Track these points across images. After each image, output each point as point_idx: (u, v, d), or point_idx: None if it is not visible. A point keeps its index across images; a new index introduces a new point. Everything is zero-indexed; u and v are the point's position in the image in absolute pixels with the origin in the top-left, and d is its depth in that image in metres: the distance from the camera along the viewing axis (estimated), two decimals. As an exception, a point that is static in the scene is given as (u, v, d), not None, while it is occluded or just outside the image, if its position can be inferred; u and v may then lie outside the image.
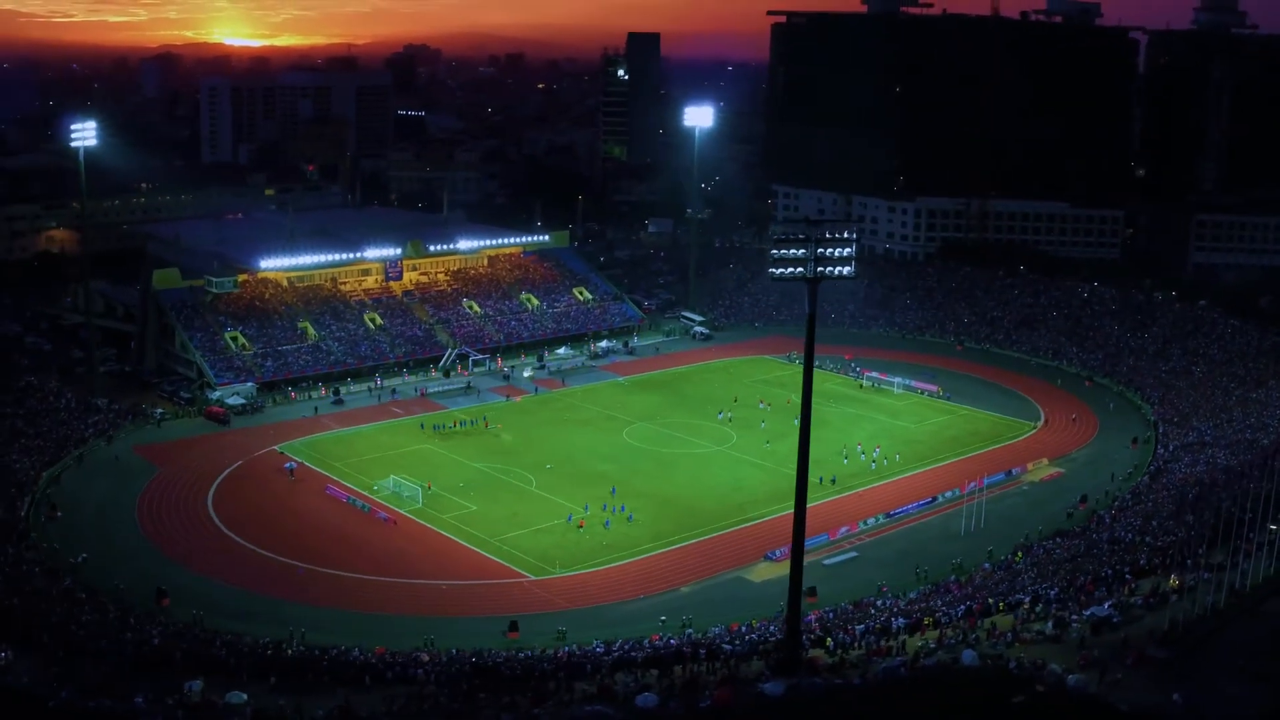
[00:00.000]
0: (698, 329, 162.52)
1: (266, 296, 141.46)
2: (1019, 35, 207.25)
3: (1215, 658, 62.83)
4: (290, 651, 66.49)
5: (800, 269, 59.78)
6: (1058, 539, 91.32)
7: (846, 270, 59.33)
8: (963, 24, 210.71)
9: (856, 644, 62.94)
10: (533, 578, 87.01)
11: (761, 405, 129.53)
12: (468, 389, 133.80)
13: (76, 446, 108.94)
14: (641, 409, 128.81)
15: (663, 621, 78.54)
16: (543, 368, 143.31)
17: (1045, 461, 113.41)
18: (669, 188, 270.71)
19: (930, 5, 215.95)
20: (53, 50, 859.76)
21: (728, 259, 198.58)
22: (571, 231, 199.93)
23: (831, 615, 75.33)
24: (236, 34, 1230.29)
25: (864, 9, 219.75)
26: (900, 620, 66.19)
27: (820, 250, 58.99)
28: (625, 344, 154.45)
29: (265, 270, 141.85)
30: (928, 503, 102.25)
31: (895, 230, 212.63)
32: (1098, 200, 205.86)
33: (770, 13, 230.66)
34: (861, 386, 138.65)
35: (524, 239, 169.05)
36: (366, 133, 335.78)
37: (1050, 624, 65.15)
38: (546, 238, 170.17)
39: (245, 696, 55.33)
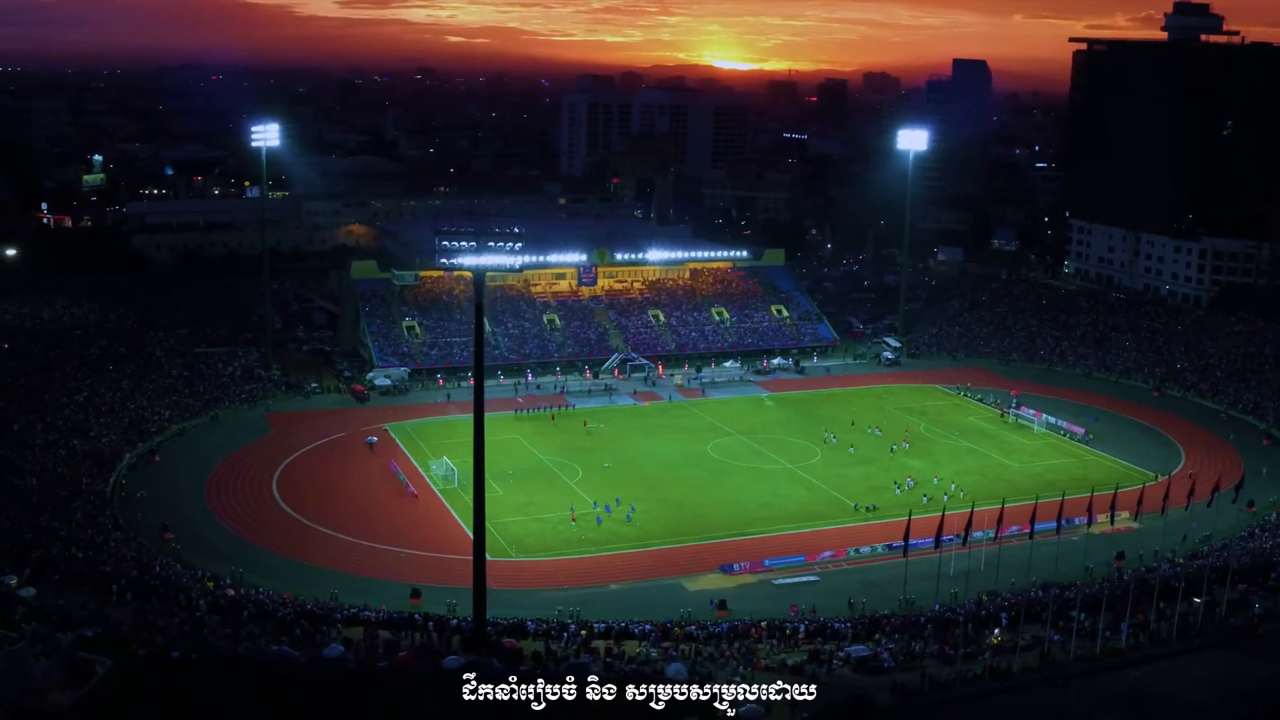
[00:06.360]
0: (885, 354, 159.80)
1: (456, 291, 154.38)
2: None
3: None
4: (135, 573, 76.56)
5: (468, 260, 62.72)
6: (1037, 591, 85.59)
7: (515, 264, 61.66)
8: (1267, 53, 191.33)
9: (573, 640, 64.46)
10: (488, 557, 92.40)
11: (875, 431, 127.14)
12: (605, 390, 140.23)
13: (224, 408, 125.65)
14: (753, 423, 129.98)
15: (558, 610, 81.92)
16: (696, 378, 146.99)
17: (1125, 515, 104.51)
18: (975, 217, 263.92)
19: (1235, 34, 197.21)
20: (549, 66, 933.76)
21: (1006, 292, 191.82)
22: (820, 252, 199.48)
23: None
24: (727, 57, 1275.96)
25: (1165, 36, 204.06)
26: (648, 626, 66.61)
27: (489, 244, 61.68)
28: (796, 363, 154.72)
29: (458, 268, 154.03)
30: (947, 540, 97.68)
31: (1179, 271, 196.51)
32: None
33: (1072, 39, 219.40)
34: (1004, 418, 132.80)
35: (732, 254, 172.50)
36: (720, 151, 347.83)
37: (805, 656, 63.52)
38: (744, 253, 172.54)
39: (34, 591, 65.65)
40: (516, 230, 61.42)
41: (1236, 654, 67.65)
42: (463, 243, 61.94)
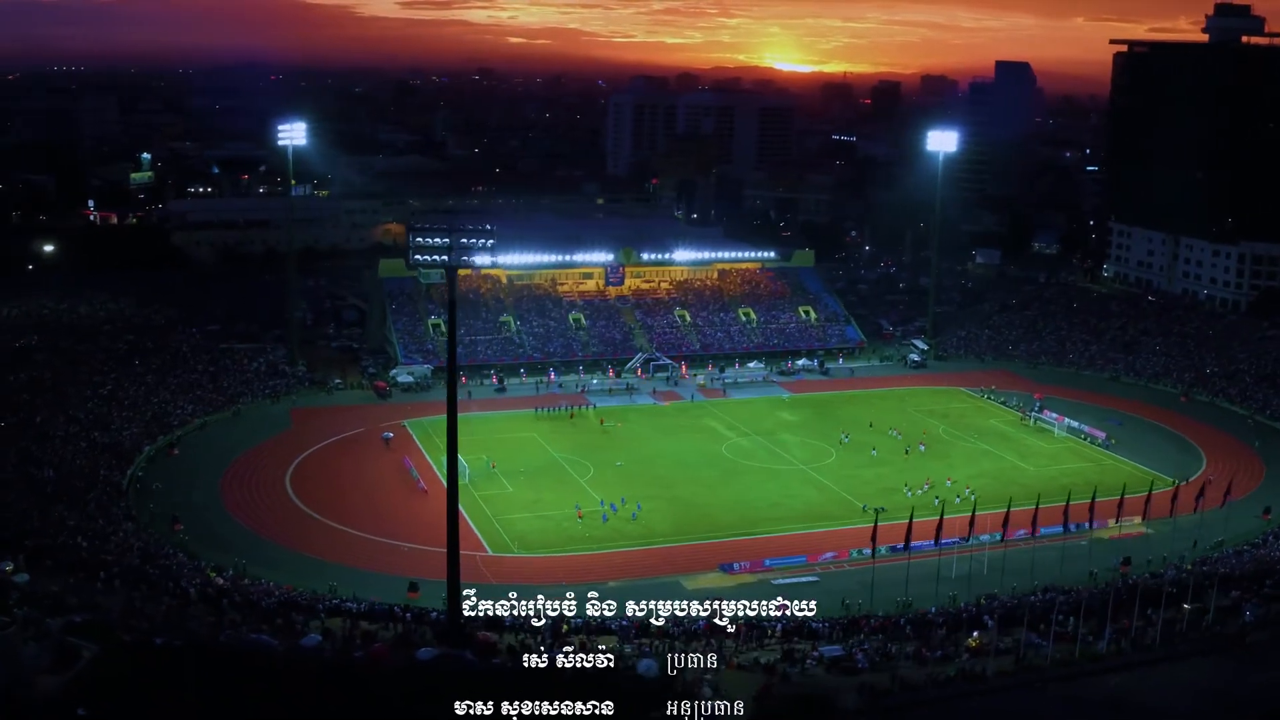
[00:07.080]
0: (912, 356, 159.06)
1: (483, 291, 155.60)
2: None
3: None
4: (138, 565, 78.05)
5: (443, 257, 63.29)
6: (1037, 595, 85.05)
7: (486, 261, 62.40)
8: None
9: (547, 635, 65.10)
10: (490, 553, 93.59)
11: (894, 433, 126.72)
12: (626, 389, 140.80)
13: (247, 403, 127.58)
14: (770, 424, 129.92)
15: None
16: (719, 378, 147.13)
17: (1137, 520, 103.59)
18: (1013, 220, 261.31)
19: (1277, 35, 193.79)
20: (608, 68, 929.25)
21: (1038, 295, 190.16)
22: (850, 254, 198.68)
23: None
24: (787, 59, 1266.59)
25: (1206, 38, 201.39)
26: (625, 621, 66.99)
27: (461, 240, 62.33)
28: (820, 364, 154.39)
29: (485, 268, 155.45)
30: (952, 542, 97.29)
31: (1218, 275, 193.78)
32: None
33: (1113, 41, 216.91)
34: (1025, 422, 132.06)
35: (760, 255, 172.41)
36: (766, 153, 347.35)
37: (779, 654, 63.70)
38: (772, 254, 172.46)
39: (27, 577, 67.32)
40: (489, 227, 62.01)
41: (1223, 661, 66.97)
42: (436, 239, 62.64)
